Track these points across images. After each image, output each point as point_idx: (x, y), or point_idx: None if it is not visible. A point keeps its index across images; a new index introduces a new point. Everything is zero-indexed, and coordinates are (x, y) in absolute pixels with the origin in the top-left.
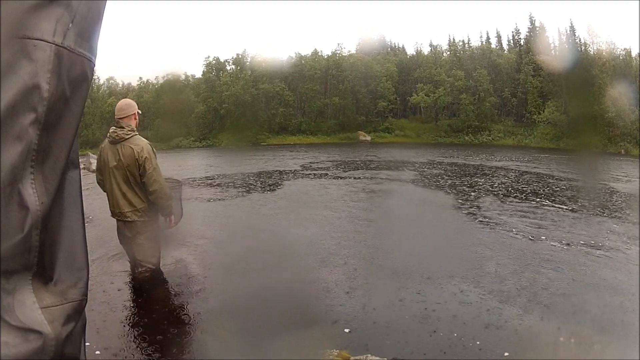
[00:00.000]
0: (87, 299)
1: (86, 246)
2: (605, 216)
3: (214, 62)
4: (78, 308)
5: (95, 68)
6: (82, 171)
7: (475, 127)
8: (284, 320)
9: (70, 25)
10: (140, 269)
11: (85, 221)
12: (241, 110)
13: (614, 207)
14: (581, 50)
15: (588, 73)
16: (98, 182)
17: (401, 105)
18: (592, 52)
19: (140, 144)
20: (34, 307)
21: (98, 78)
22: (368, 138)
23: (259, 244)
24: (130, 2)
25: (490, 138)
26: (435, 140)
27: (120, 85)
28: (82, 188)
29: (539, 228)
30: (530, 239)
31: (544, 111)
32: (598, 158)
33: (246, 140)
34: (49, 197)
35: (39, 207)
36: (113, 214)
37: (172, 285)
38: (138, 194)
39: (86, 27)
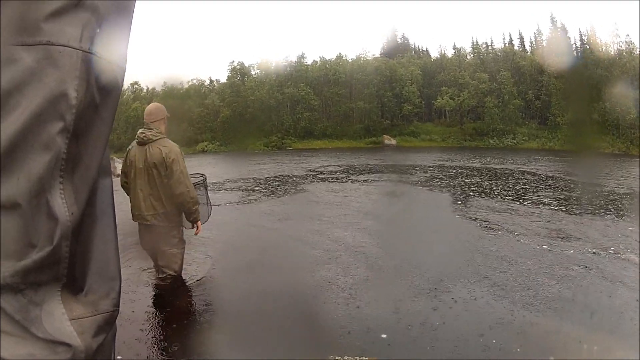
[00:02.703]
0: (119, 310)
1: (118, 255)
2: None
3: (238, 66)
4: (110, 319)
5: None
6: None
7: (500, 130)
8: (315, 325)
9: (98, 30)
10: (161, 275)
11: None
12: (267, 115)
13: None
14: (602, 50)
15: (610, 74)
16: (122, 185)
17: (426, 109)
18: (612, 53)
19: (169, 145)
20: (63, 319)
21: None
22: (393, 142)
23: (282, 250)
24: (155, 7)
25: (514, 141)
26: (460, 144)
27: (145, 90)
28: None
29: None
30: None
31: (567, 113)
32: (619, 161)
33: (272, 145)
34: (79, 207)
35: (68, 218)
36: (134, 217)
37: (194, 292)
38: (161, 197)
39: (115, 32)
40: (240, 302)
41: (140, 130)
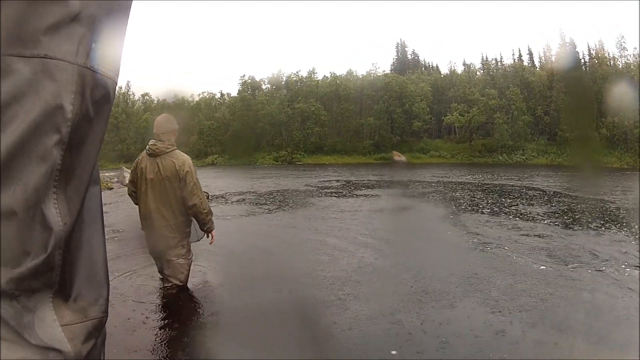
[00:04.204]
0: (107, 316)
1: (106, 262)
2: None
3: (249, 80)
4: (98, 325)
5: (131, 84)
6: (115, 185)
7: (509, 146)
8: (325, 342)
9: (94, 45)
10: (166, 285)
11: (117, 233)
12: (277, 129)
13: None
14: (610, 65)
15: (617, 87)
16: (130, 194)
17: (436, 125)
18: (620, 66)
19: (182, 158)
20: (55, 325)
21: (133, 94)
22: (403, 158)
23: (285, 259)
24: (168, 20)
25: (524, 157)
26: (469, 161)
27: (156, 102)
28: (116, 201)
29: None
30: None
31: (575, 128)
32: (627, 175)
33: (282, 159)
34: (72, 218)
35: (62, 228)
36: (144, 227)
37: (198, 301)
38: (173, 209)
39: (110, 47)
40: (245, 310)
41: (151, 142)
